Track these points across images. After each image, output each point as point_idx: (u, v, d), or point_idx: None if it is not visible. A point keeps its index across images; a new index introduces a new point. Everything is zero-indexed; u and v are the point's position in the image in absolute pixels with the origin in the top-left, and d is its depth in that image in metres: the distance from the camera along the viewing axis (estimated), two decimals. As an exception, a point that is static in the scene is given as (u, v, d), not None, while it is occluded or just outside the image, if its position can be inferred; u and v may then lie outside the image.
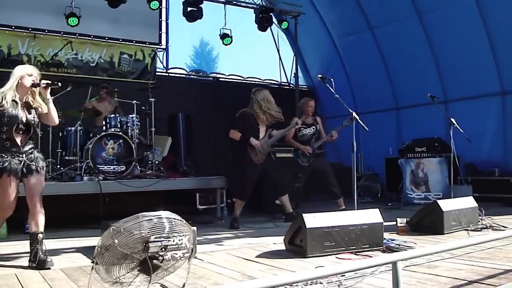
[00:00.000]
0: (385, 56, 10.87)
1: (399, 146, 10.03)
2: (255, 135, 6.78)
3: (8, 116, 4.13)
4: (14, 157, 4.19)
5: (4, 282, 3.68)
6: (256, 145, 6.70)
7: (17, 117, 4.15)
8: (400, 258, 2.76)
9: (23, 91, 4.28)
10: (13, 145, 4.18)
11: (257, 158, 6.77)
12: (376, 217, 4.78)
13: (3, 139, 4.15)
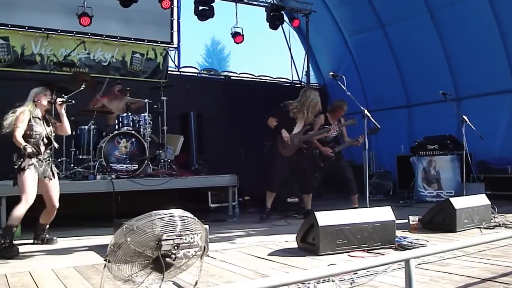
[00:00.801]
0: (396, 53, 10.82)
1: (410, 143, 9.98)
2: (289, 128, 6.86)
3: (35, 131, 5.05)
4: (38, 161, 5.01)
5: (18, 280, 3.73)
6: (285, 137, 6.78)
7: (40, 132, 5.07)
8: (413, 256, 2.75)
9: (41, 108, 5.18)
10: (38, 152, 5.02)
11: (284, 151, 6.89)
12: (388, 215, 4.77)
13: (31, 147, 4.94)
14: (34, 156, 4.91)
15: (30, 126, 4.99)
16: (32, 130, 5.01)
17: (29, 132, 4.98)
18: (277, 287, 2.20)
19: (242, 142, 10.58)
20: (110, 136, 7.11)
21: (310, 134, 7.04)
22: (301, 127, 6.98)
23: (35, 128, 5.03)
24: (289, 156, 6.93)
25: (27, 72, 8.85)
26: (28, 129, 4.98)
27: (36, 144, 4.99)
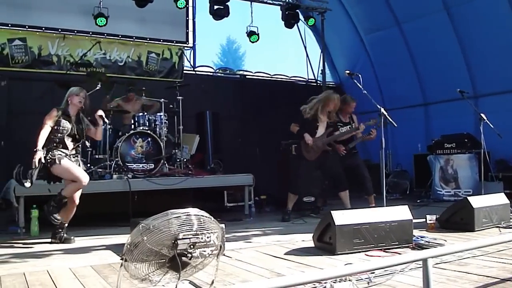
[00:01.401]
0: (413, 51, 10.72)
1: (428, 142, 9.90)
2: (312, 132, 6.89)
3: (63, 126, 5.32)
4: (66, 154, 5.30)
5: (36, 278, 3.76)
6: (308, 141, 6.81)
7: (68, 128, 5.33)
8: (430, 255, 2.73)
9: (73, 108, 5.45)
10: (64, 147, 5.33)
11: (309, 155, 6.92)
12: (405, 214, 4.74)
13: (56, 142, 5.28)
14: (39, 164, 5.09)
15: (58, 122, 5.28)
16: (59, 125, 5.29)
17: (56, 127, 5.27)
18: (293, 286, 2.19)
19: (258, 141, 10.60)
20: (126, 136, 7.14)
21: (334, 136, 7.03)
22: (324, 129, 6.98)
23: (63, 124, 5.30)
24: (314, 159, 6.94)
25: (44, 72, 8.94)
26: (56, 124, 5.27)
27: (61, 139, 5.28)
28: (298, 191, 7.22)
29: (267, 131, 10.39)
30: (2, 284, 3.60)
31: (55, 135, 5.29)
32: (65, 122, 5.34)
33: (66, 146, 5.35)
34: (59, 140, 5.31)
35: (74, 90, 5.52)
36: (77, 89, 5.55)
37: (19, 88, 8.81)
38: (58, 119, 5.32)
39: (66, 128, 5.34)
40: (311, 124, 6.94)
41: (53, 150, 5.23)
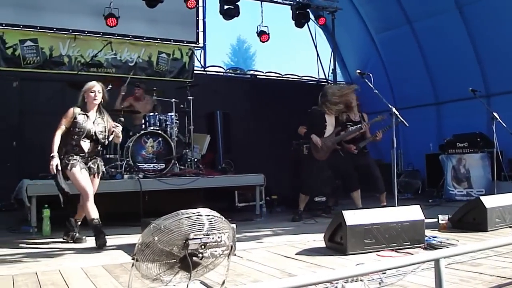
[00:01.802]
0: (424, 50, 10.66)
1: (439, 141, 9.83)
2: (320, 132, 6.89)
3: (79, 128, 5.07)
4: (81, 159, 5.12)
5: (48, 278, 3.77)
6: (316, 142, 6.82)
7: (85, 129, 5.10)
8: (443, 256, 2.70)
9: (90, 105, 5.19)
10: (81, 150, 5.12)
11: (319, 155, 6.92)
12: (417, 214, 4.70)
13: (72, 145, 5.09)
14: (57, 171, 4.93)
15: (74, 123, 5.06)
16: (75, 127, 5.06)
17: (72, 128, 5.06)
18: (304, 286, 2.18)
19: (268, 141, 10.59)
20: (137, 136, 7.16)
21: (342, 135, 7.00)
22: (333, 129, 6.96)
23: (79, 125, 5.07)
24: (325, 159, 6.93)
25: (55, 73, 8.99)
26: (72, 125, 5.06)
27: (77, 142, 5.08)
28: (310, 191, 7.20)
29: (278, 131, 10.39)
30: (14, 283, 3.62)
31: (72, 137, 5.08)
32: (82, 122, 5.09)
33: (82, 149, 5.12)
34: (75, 143, 5.09)
35: (89, 85, 5.22)
36: (92, 84, 5.24)
37: (31, 88, 8.87)
38: (75, 119, 5.07)
39: (83, 129, 5.08)
40: (319, 125, 6.94)
41: (68, 154, 5.05)
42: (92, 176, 5.22)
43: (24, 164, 8.36)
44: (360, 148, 7.24)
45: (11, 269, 4.08)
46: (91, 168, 5.20)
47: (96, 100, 5.18)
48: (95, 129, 5.16)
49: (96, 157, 5.29)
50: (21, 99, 8.84)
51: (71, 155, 5.06)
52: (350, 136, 7.11)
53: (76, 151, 5.09)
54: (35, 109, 8.76)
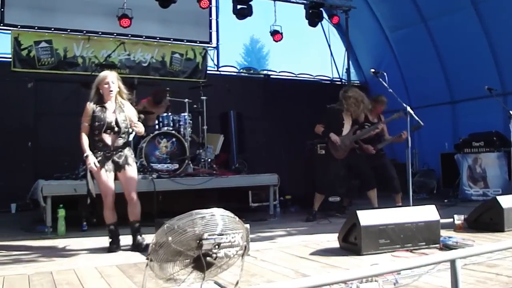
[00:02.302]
0: (439, 48, 10.56)
1: (455, 141, 9.74)
2: (338, 131, 6.85)
3: (98, 121, 4.79)
4: (105, 156, 4.85)
5: (63, 277, 3.80)
6: (335, 141, 6.78)
7: (105, 120, 4.81)
8: (459, 256, 2.66)
9: (106, 95, 4.88)
10: (104, 145, 4.85)
11: (337, 154, 6.88)
12: (432, 214, 4.66)
13: (96, 140, 4.83)
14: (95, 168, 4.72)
15: (93, 118, 4.79)
16: (95, 120, 4.79)
17: (92, 123, 4.79)
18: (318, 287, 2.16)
19: (282, 140, 10.58)
20: (150, 136, 7.17)
21: (359, 133, 6.96)
22: (350, 127, 6.93)
23: (98, 117, 4.78)
24: (343, 157, 6.90)
25: (70, 74, 9.06)
26: (91, 120, 4.79)
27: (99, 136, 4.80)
28: (326, 190, 7.17)
29: (292, 131, 10.37)
30: (30, 282, 3.65)
31: (93, 133, 4.81)
32: (101, 114, 4.79)
33: (106, 143, 4.84)
34: (98, 137, 4.81)
35: (101, 76, 4.91)
36: (104, 74, 4.94)
37: (45, 89, 8.96)
38: (93, 113, 4.79)
39: (102, 121, 4.78)
40: (336, 124, 6.89)
41: (92, 151, 4.78)
42: (122, 170, 4.90)
43: (39, 165, 8.44)
44: (378, 149, 7.20)
45: (26, 269, 4.12)
46: (117, 163, 4.89)
47: (112, 91, 4.88)
48: (115, 118, 4.84)
49: (122, 149, 4.92)
50: (36, 100, 8.93)
51: (95, 151, 4.79)
52: (366, 135, 7.06)
53: (99, 147, 4.82)
54: (49, 109, 8.85)
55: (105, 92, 4.87)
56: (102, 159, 4.82)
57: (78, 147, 7.44)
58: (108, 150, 4.85)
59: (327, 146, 7.03)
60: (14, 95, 8.74)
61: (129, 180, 4.95)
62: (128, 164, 4.95)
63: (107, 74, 4.92)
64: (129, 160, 4.97)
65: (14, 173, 8.39)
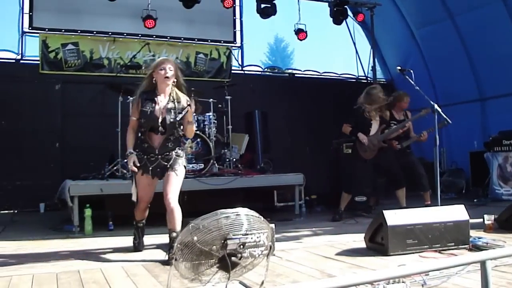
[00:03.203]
0: (467, 44, 10.36)
1: (484, 139, 9.56)
2: (365, 130, 6.79)
3: (144, 118, 4.32)
4: (149, 160, 4.42)
5: (90, 276, 3.84)
6: (363, 140, 6.71)
7: (151, 118, 4.32)
8: (489, 257, 2.59)
9: (161, 87, 4.38)
10: (150, 146, 4.39)
11: (366, 154, 6.82)
12: (461, 214, 4.57)
13: (142, 140, 4.40)
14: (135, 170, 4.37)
15: (140, 113, 4.34)
16: (141, 117, 4.34)
17: (139, 120, 4.36)
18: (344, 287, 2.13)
19: (308, 140, 10.55)
20: (176, 137, 7.19)
21: (387, 132, 6.87)
22: (378, 127, 6.85)
23: (144, 114, 4.32)
24: (371, 157, 6.83)
25: (96, 75, 9.17)
26: (139, 116, 4.35)
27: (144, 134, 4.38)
28: (353, 190, 7.11)
29: (317, 130, 10.32)
30: (58, 281, 3.70)
31: (140, 131, 4.37)
32: (148, 111, 4.30)
33: (151, 145, 4.38)
34: (143, 136, 4.37)
35: (157, 61, 4.40)
36: (161, 59, 4.43)
37: (72, 91, 9.08)
38: (142, 107, 4.31)
39: (148, 119, 4.29)
40: (364, 123, 6.81)
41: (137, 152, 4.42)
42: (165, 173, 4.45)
43: (67, 165, 8.56)
44: (403, 147, 7.11)
45: (55, 267, 4.19)
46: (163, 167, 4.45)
47: (168, 79, 4.33)
48: (164, 117, 4.34)
49: (170, 152, 4.44)
50: (63, 101, 9.06)
51: (139, 153, 4.40)
52: (394, 134, 6.98)
53: (144, 148, 4.40)
54: (76, 111, 8.96)
55: (160, 79, 4.34)
56: (145, 163, 4.42)
57: (104, 148, 7.64)
58: (152, 153, 4.40)
59: (354, 145, 6.98)
60: (42, 97, 8.87)
61: (167, 184, 4.41)
62: (173, 168, 4.42)
63: (164, 59, 4.44)
64: (175, 165, 4.44)
65: (42, 174, 8.52)
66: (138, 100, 4.38)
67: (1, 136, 8.46)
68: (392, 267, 3.74)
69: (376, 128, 6.84)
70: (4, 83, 8.60)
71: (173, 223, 4.36)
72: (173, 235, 4.25)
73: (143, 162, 4.41)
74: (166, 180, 4.44)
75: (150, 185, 4.56)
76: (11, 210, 8.29)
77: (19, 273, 3.95)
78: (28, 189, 8.38)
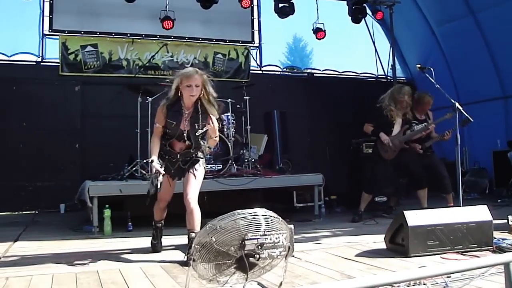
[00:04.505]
0: (489, 41, 10.18)
1: (508, 137, 9.42)
2: (387, 130, 6.71)
3: (169, 129, 4.42)
4: (170, 161, 4.53)
5: (109, 276, 3.86)
6: (385, 141, 6.63)
7: (176, 131, 4.41)
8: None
9: (186, 101, 4.40)
10: (172, 150, 4.51)
11: (387, 155, 6.74)
12: (484, 215, 4.48)
13: (165, 144, 4.49)
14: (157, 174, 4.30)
15: (166, 123, 4.40)
16: (166, 127, 4.42)
17: (165, 129, 4.45)
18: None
19: (327, 140, 10.49)
20: (194, 137, 7.19)
21: (410, 134, 6.78)
22: (400, 127, 6.75)
23: (169, 125, 4.40)
24: (392, 158, 6.75)
25: (115, 76, 9.22)
26: (165, 126, 4.42)
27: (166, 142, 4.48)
28: (373, 191, 7.04)
29: (337, 130, 10.25)
30: (77, 281, 3.73)
31: (165, 137, 4.49)
32: (172, 123, 4.38)
33: (173, 149, 4.51)
34: (166, 142, 4.49)
35: (183, 74, 4.34)
36: (188, 73, 4.33)
37: (92, 92, 9.15)
38: (168, 118, 4.39)
39: (172, 131, 4.41)
40: (386, 123, 6.71)
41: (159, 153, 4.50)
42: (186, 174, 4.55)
43: (86, 166, 8.62)
44: (425, 147, 7.01)
45: (74, 267, 4.22)
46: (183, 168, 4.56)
47: (193, 97, 4.34)
48: (188, 130, 4.42)
49: (191, 156, 4.55)
50: (82, 102, 9.14)
51: (161, 153, 4.50)
52: (417, 136, 6.88)
53: (166, 150, 4.49)
54: (96, 112, 9.03)
55: (185, 95, 4.35)
56: (166, 164, 4.52)
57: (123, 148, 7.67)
58: (174, 156, 4.51)
59: (375, 145, 6.91)
60: (62, 98, 8.96)
61: (187, 185, 4.49)
62: (193, 169, 4.53)
63: (191, 73, 4.33)
64: (195, 165, 4.54)
65: (63, 174, 8.63)
66: (164, 109, 4.40)
67: (22, 137, 8.57)
68: (413, 268, 3.69)
69: (399, 129, 6.73)
70: (25, 85, 8.73)
71: (193, 223, 4.41)
72: (192, 236, 4.26)
73: (164, 162, 4.52)
74: (186, 181, 4.53)
75: (171, 185, 4.65)
76: (32, 210, 8.39)
77: (39, 272, 3.98)
78: (48, 190, 8.49)
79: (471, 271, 3.18)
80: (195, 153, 4.56)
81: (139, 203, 5.45)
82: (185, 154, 4.53)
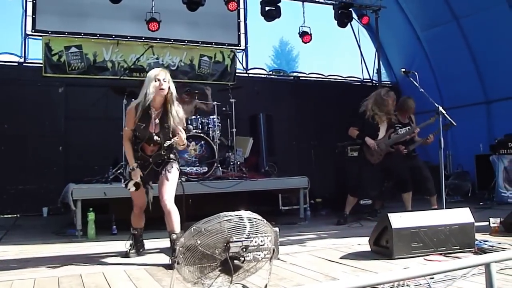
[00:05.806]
0: (472, 47, 10.31)
1: (490, 141, 9.51)
2: (373, 134, 6.73)
3: (139, 132, 4.36)
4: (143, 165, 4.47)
5: (92, 280, 3.83)
6: (371, 145, 6.65)
7: (145, 134, 4.36)
8: (494, 260, 2.55)
9: (156, 99, 4.35)
10: (144, 154, 4.45)
11: (373, 158, 6.77)
12: (466, 217, 4.54)
13: (136, 150, 4.44)
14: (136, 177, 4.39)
15: (136, 126, 4.36)
16: (135, 130, 4.38)
17: (134, 132, 4.40)
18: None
19: (312, 143, 10.49)
20: (179, 139, 7.16)
21: (395, 137, 6.82)
22: (385, 131, 6.79)
23: (138, 128, 4.36)
24: (378, 162, 6.78)
25: (99, 78, 9.16)
26: (135, 129, 4.38)
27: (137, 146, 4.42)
28: (359, 194, 7.08)
29: (322, 133, 10.30)
30: (60, 285, 3.69)
31: (136, 142, 4.43)
32: (141, 125, 4.34)
33: (145, 154, 4.46)
34: (137, 147, 4.43)
35: (152, 73, 4.35)
36: (156, 70, 4.37)
37: (76, 94, 9.08)
38: (137, 121, 4.34)
39: (141, 133, 4.36)
40: (371, 127, 6.75)
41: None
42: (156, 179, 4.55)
43: (70, 169, 8.54)
44: (409, 150, 7.06)
45: (57, 271, 4.17)
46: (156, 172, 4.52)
47: (163, 91, 4.31)
48: (157, 131, 4.40)
49: (163, 158, 4.52)
50: (66, 104, 9.05)
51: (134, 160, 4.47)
52: (402, 139, 6.93)
53: (138, 156, 4.44)
54: (80, 114, 8.95)
55: (155, 91, 4.29)
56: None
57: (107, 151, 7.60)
58: (146, 161, 4.47)
59: (361, 149, 6.94)
60: (45, 100, 8.86)
61: (161, 186, 4.47)
62: (166, 170, 4.49)
63: (159, 70, 4.38)
64: (168, 167, 4.51)
65: (46, 177, 8.52)
66: (134, 111, 4.37)
67: (4, 140, 8.45)
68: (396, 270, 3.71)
69: (384, 133, 6.78)
70: (7, 86, 8.60)
71: (172, 225, 4.42)
72: (174, 237, 4.32)
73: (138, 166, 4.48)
74: (160, 183, 4.50)
75: (142, 190, 4.59)
76: (14, 214, 8.26)
77: (21, 277, 3.93)
78: (31, 193, 8.38)
79: (453, 272, 3.23)
80: (167, 155, 4.53)
81: (124, 206, 5.42)
82: (157, 156, 4.49)
